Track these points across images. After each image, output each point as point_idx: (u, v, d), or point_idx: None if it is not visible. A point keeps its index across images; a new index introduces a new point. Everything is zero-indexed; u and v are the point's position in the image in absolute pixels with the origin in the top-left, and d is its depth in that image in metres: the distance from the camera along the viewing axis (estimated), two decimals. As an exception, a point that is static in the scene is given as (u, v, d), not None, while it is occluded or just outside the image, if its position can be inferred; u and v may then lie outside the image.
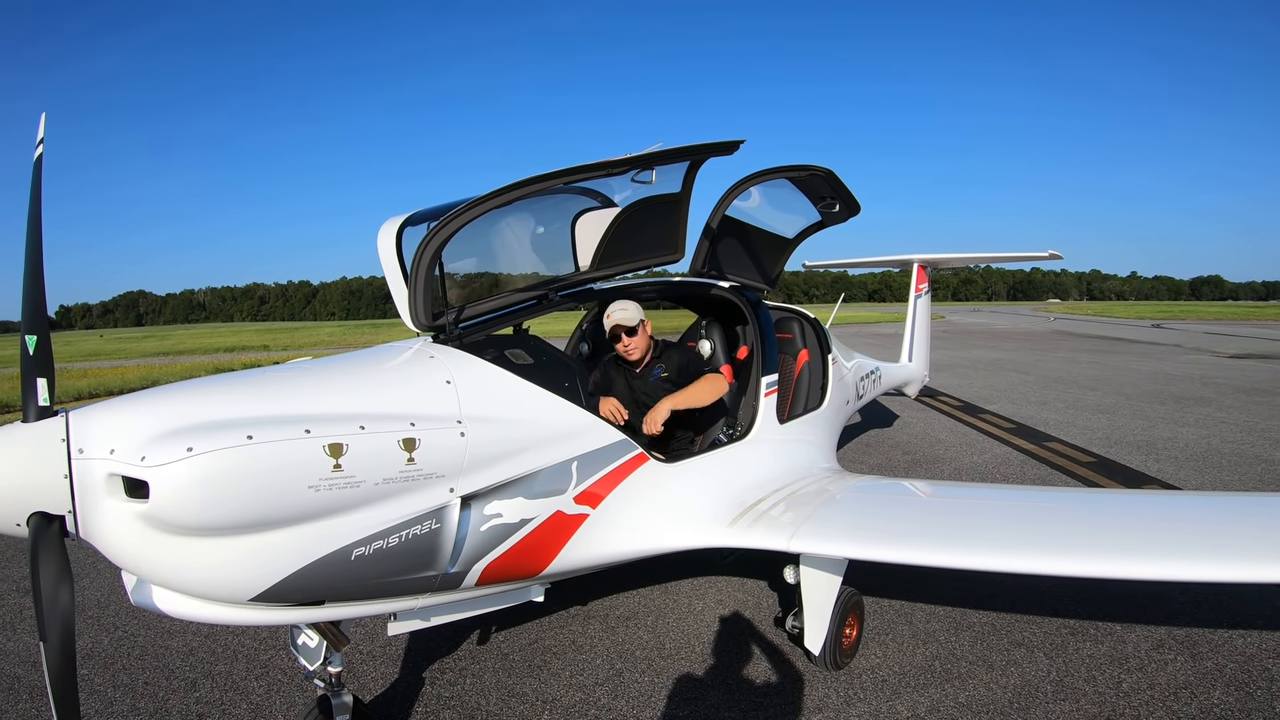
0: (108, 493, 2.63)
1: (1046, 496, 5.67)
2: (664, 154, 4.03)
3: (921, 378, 11.09)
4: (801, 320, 6.68)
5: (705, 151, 4.24)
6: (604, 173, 4.01)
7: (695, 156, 4.29)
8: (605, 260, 4.50)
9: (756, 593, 5.67)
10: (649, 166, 4.06)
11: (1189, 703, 4.09)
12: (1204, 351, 27.69)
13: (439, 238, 3.64)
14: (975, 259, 11.28)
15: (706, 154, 4.27)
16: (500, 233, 4.44)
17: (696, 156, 4.29)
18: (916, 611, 5.28)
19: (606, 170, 3.97)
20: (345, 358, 3.71)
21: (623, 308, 4.94)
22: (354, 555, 3.02)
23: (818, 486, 5.05)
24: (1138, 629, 4.94)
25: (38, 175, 2.93)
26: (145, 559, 2.74)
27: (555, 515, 3.77)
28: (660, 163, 4.09)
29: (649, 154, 3.96)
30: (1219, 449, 10.31)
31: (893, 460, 10.19)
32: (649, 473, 4.28)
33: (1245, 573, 3.52)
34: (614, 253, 4.48)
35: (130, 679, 4.59)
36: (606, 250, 4.47)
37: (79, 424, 2.66)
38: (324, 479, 2.86)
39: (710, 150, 4.22)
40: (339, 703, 3.60)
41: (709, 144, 4.18)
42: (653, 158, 3.99)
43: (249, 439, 2.72)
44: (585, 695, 4.30)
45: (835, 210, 5.96)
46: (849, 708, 4.12)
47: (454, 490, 3.28)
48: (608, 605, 5.49)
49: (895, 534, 4.35)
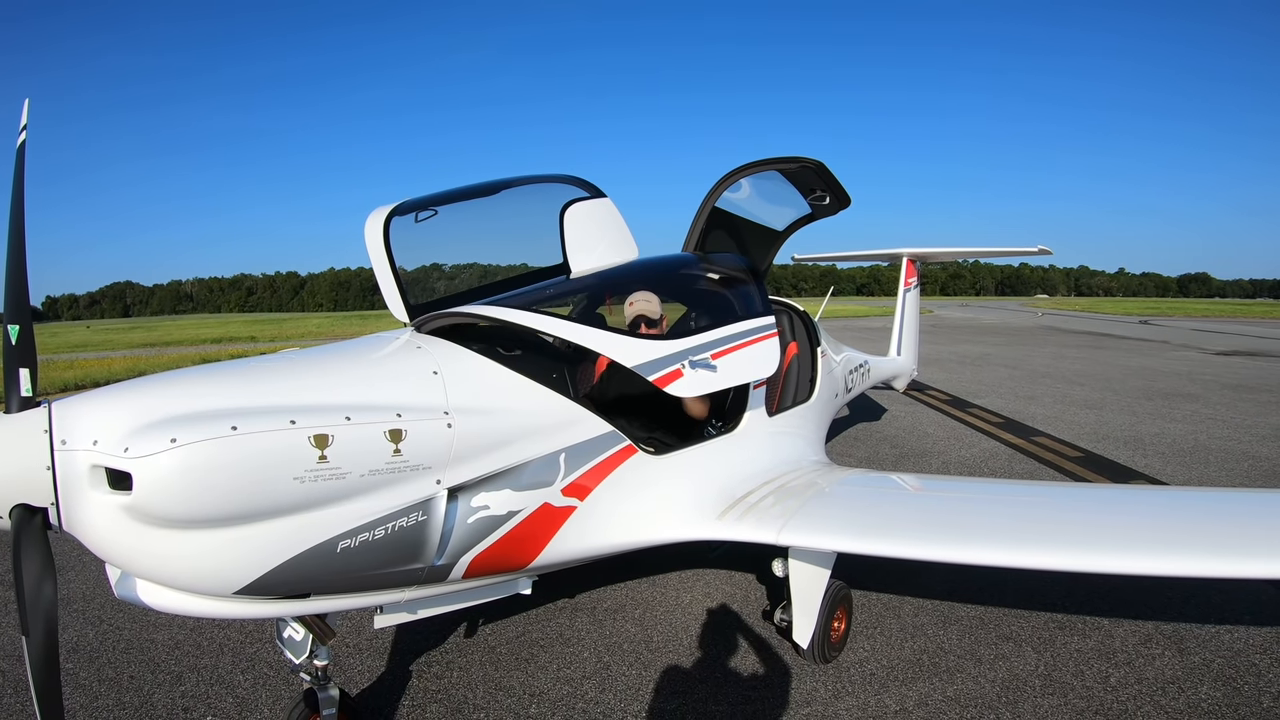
0: (91, 484, 2.60)
1: (1034, 491, 5.67)
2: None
3: (910, 371, 11.11)
4: (791, 313, 6.67)
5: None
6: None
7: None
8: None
9: (744, 585, 5.67)
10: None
11: (1176, 698, 4.10)
12: (1191, 348, 27.85)
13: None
14: (964, 253, 11.31)
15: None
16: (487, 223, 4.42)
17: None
18: (905, 605, 5.29)
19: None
20: (332, 348, 3.67)
21: (646, 299, 4.83)
22: (340, 547, 3.00)
23: (807, 479, 5.05)
24: (1125, 624, 4.96)
25: (20, 162, 2.90)
26: (129, 552, 2.72)
27: (543, 507, 3.75)
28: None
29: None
30: (1206, 445, 10.37)
31: (881, 454, 10.20)
32: (638, 465, 4.26)
33: (1233, 568, 3.53)
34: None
35: (115, 673, 4.55)
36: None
37: (62, 415, 2.62)
38: (309, 470, 2.83)
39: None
40: (325, 696, 3.58)
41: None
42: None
43: (233, 430, 2.69)
44: (573, 688, 4.29)
45: (825, 203, 5.94)
46: (837, 701, 4.12)
47: (441, 482, 3.25)
48: (595, 598, 5.48)
49: (884, 528, 4.34)
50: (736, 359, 4.53)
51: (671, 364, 4.19)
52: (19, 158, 2.93)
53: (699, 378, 4.28)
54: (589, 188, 4.45)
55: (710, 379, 4.33)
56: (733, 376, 4.50)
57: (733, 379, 4.52)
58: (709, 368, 4.37)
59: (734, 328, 4.63)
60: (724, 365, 4.45)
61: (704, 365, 4.36)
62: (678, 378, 4.18)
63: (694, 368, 4.31)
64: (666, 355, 4.17)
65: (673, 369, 4.18)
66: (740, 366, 4.56)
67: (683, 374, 4.22)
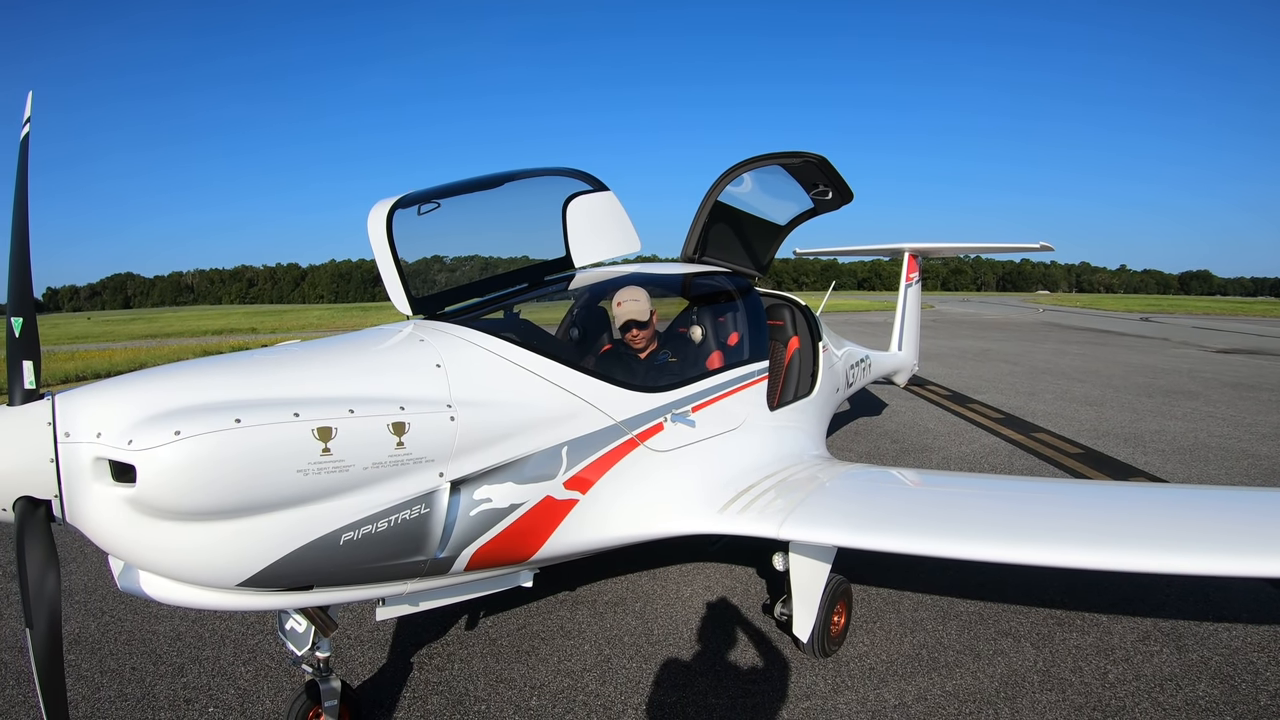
0: (94, 477, 2.61)
1: (1034, 487, 5.68)
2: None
3: (911, 366, 11.10)
4: (793, 307, 6.67)
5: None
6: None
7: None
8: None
9: (745, 579, 5.68)
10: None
11: (1174, 694, 4.12)
12: (1192, 345, 27.84)
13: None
14: (966, 249, 11.29)
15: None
16: (489, 215, 4.42)
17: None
18: (904, 600, 5.30)
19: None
20: (335, 340, 3.67)
21: (634, 298, 4.84)
22: (343, 540, 3.01)
23: (808, 474, 5.06)
24: (1124, 620, 4.97)
25: (24, 156, 2.90)
26: (132, 544, 2.73)
27: (545, 500, 3.76)
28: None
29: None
30: (1206, 443, 10.37)
31: (881, 448, 10.21)
32: (639, 458, 4.27)
33: (1232, 567, 3.54)
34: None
35: (118, 664, 4.57)
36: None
37: (65, 407, 2.63)
38: (312, 463, 2.84)
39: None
40: (327, 688, 3.59)
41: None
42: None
43: (237, 422, 2.69)
44: (573, 681, 4.30)
45: (828, 198, 5.94)
46: (836, 695, 4.13)
47: (444, 475, 3.26)
48: (596, 591, 5.50)
49: (884, 522, 4.35)
50: (719, 410, 4.86)
51: (653, 419, 4.39)
52: (22, 151, 2.93)
53: (678, 433, 4.53)
54: (592, 181, 4.45)
55: (690, 434, 4.61)
56: (713, 429, 4.79)
57: (712, 431, 4.78)
58: (689, 423, 4.61)
59: (720, 377, 4.94)
60: (705, 418, 4.74)
61: (684, 420, 4.58)
62: (658, 432, 4.40)
63: (674, 421, 4.51)
64: (649, 411, 4.36)
65: (654, 424, 4.38)
66: (721, 418, 4.88)
67: (663, 428, 4.43)
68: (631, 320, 4.82)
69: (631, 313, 4.81)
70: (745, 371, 5.18)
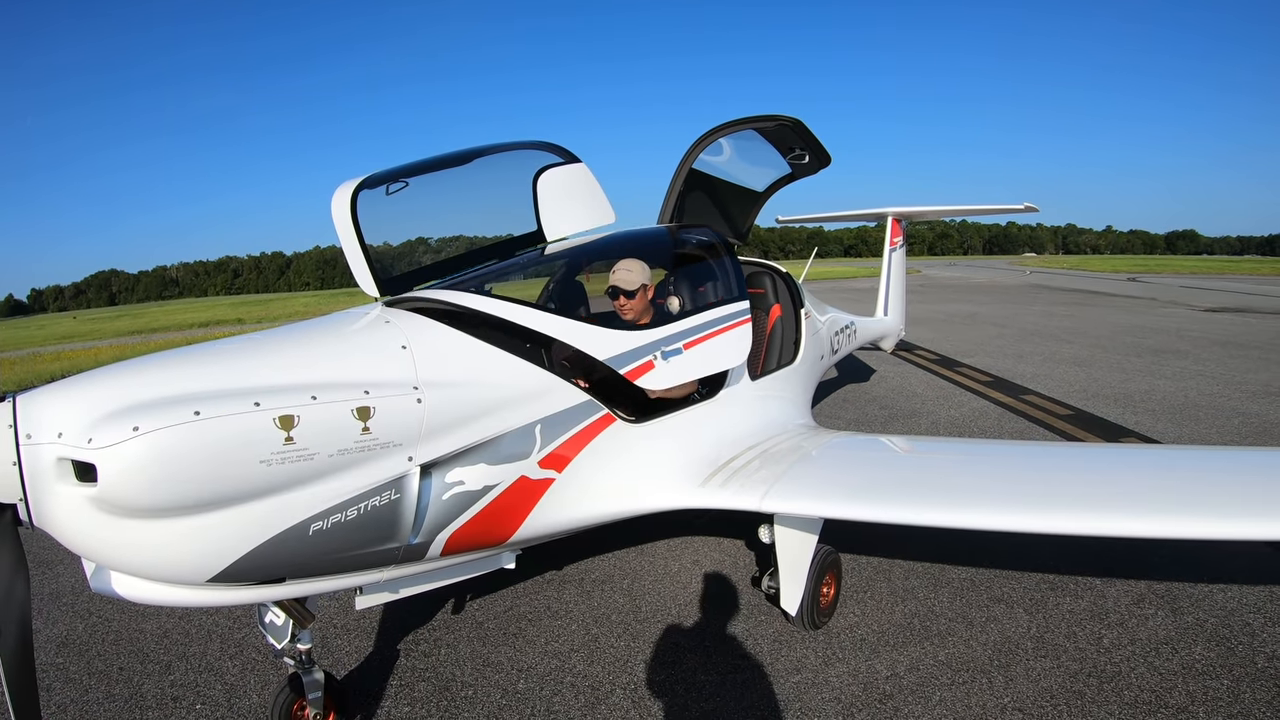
0: (58, 478, 2.53)
1: (1025, 451, 5.62)
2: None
3: (897, 332, 11.04)
4: (773, 275, 6.57)
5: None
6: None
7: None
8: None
9: (734, 552, 5.64)
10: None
11: (1170, 658, 4.08)
12: (1180, 305, 27.91)
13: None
14: (951, 211, 11.21)
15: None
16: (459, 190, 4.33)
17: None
18: (895, 568, 5.26)
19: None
20: (298, 326, 3.59)
21: (627, 268, 4.72)
22: (312, 530, 2.93)
23: (792, 443, 4.98)
24: (1117, 584, 4.93)
25: None
26: (99, 544, 2.66)
27: (520, 480, 3.68)
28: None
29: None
30: (1196, 401, 10.37)
31: (869, 415, 10.18)
32: (617, 433, 4.19)
33: (1228, 530, 3.47)
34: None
35: (105, 665, 4.50)
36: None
37: (26, 408, 2.55)
38: (276, 453, 2.76)
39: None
40: (310, 680, 3.54)
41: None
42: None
43: (196, 415, 2.62)
44: (561, 662, 4.26)
45: (805, 161, 5.85)
46: (827, 668, 4.09)
47: (413, 459, 3.18)
48: (583, 569, 5.45)
49: (872, 491, 4.29)
50: (709, 348, 4.61)
51: (643, 355, 4.22)
52: None
53: (671, 369, 4.33)
54: (563, 153, 4.35)
55: (682, 371, 4.40)
56: (705, 366, 4.58)
57: (705, 369, 4.58)
58: (681, 357, 4.41)
59: (707, 315, 4.69)
60: (696, 354, 4.51)
61: (676, 355, 4.38)
62: (649, 370, 4.23)
63: (666, 358, 4.33)
64: (637, 347, 4.20)
65: (644, 360, 4.22)
66: (713, 355, 4.64)
67: (654, 366, 4.26)
68: (616, 287, 4.70)
69: (618, 280, 4.70)
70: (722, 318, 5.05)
